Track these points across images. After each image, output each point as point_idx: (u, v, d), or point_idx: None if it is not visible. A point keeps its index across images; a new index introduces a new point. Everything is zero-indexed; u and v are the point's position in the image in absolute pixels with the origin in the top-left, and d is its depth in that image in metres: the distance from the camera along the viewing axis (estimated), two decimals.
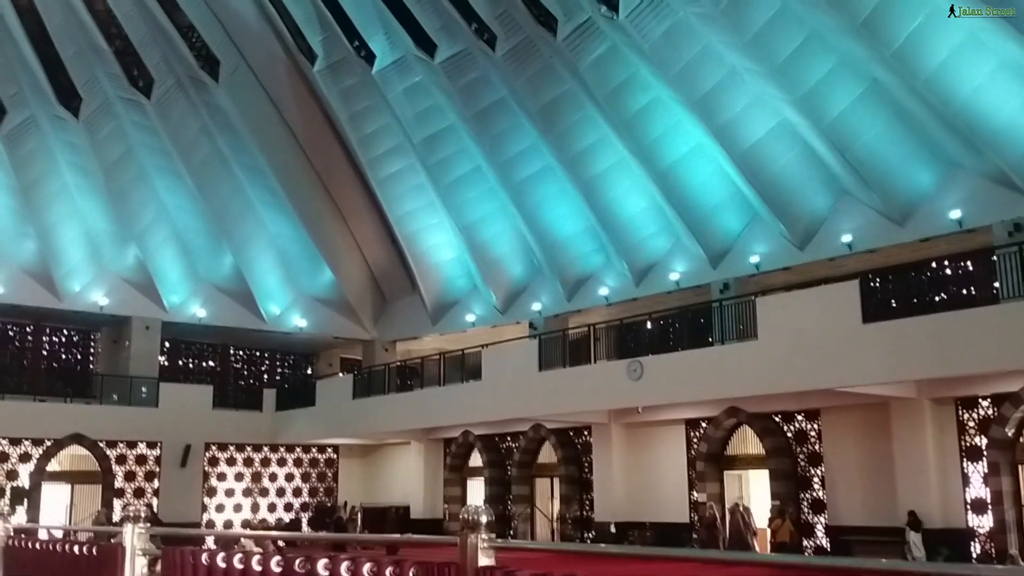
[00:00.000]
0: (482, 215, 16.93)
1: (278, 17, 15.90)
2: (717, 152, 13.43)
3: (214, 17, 15.74)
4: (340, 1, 15.21)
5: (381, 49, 15.69)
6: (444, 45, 15.25)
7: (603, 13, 13.47)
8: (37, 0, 14.92)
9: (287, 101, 17.01)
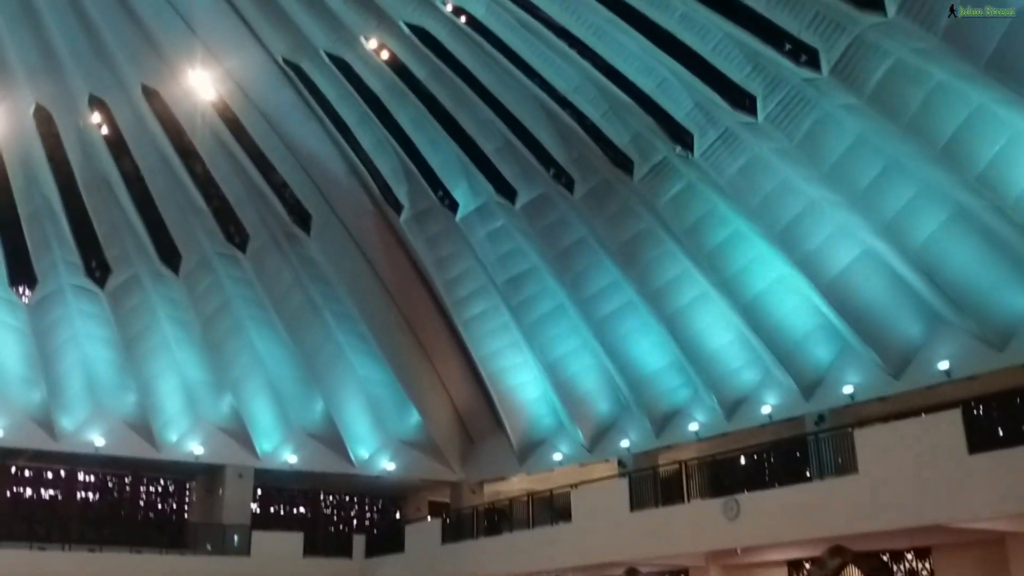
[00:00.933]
0: (566, 352, 16.98)
1: (366, 172, 16.68)
2: (802, 283, 13.34)
3: (306, 175, 16.60)
4: (424, 154, 15.90)
5: (464, 197, 16.25)
6: (524, 190, 15.72)
7: (678, 153, 13.78)
8: (142, 167, 15.97)
9: (375, 250, 17.62)
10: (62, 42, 14.39)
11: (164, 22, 14.50)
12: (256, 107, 15.79)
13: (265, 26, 14.46)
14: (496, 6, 13.52)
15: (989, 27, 10.01)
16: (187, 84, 15.11)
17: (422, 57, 14.53)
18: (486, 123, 15.01)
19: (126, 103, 15.28)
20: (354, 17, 14.13)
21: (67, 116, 15.18)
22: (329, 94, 15.51)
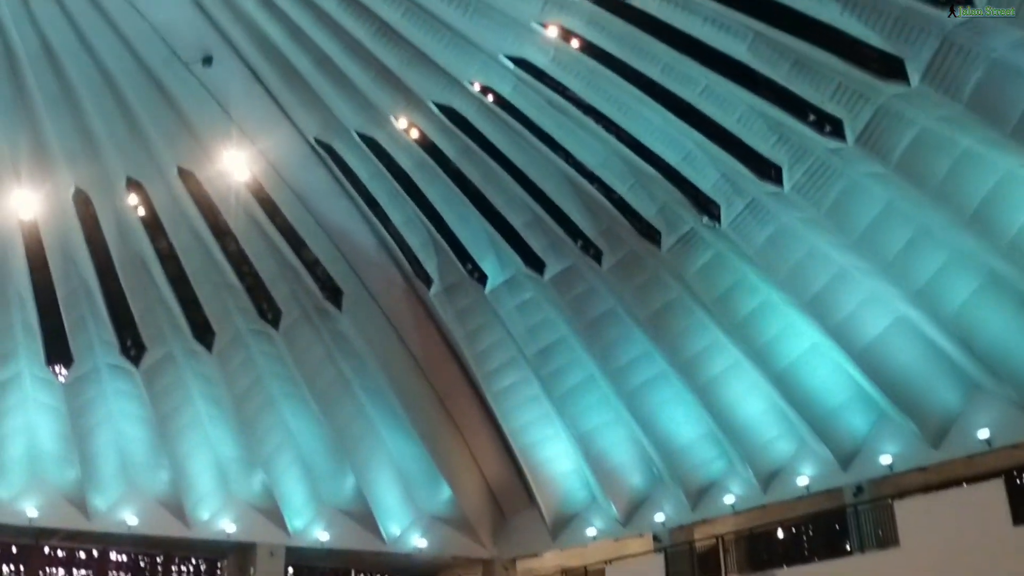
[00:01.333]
0: (598, 424, 16.87)
1: (396, 247, 16.88)
2: (835, 351, 13.24)
3: (337, 251, 16.84)
4: (453, 228, 16.09)
5: (493, 270, 16.38)
6: (552, 262, 15.84)
7: (705, 223, 13.87)
8: (177, 246, 16.27)
9: (406, 324, 17.74)
10: (101, 126, 14.82)
11: (200, 105, 14.90)
12: (289, 186, 16.11)
13: (297, 108, 14.83)
14: (522, 85, 13.81)
15: (1014, 94, 10.09)
16: (222, 165, 15.46)
17: (451, 135, 14.81)
18: (514, 198, 15.21)
19: (162, 184, 15.66)
20: (384, 98, 14.46)
21: (105, 198, 15.57)
22: (360, 172, 15.80)
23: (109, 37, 13.80)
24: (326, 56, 13.93)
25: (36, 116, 14.46)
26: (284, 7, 13.28)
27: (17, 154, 14.65)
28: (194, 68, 14.30)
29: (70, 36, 13.70)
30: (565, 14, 13.04)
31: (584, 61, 13.39)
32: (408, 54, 13.72)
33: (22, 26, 13.43)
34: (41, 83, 14.10)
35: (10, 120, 14.40)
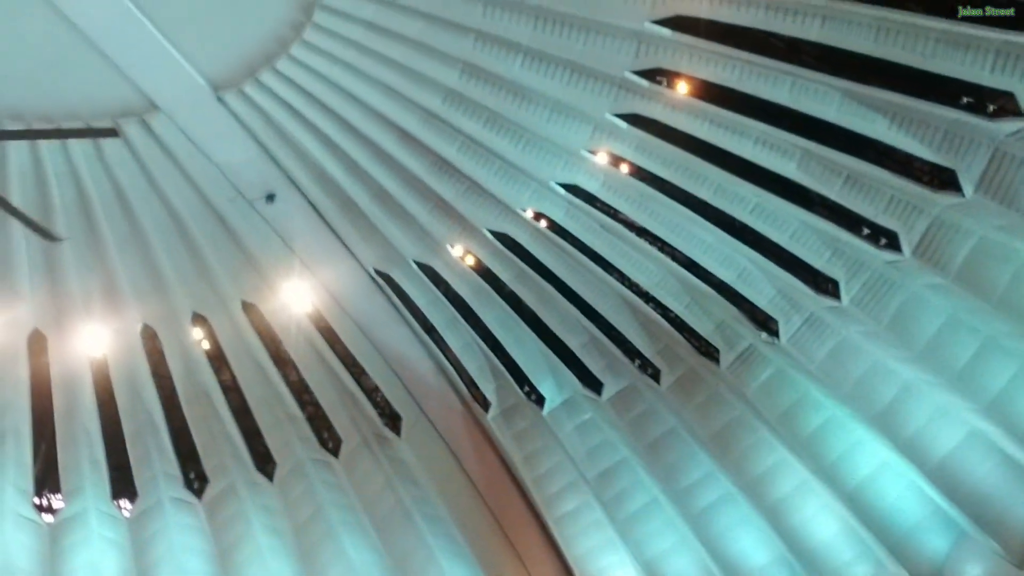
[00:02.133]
0: (663, 549, 16.35)
1: (453, 371, 16.96)
2: (907, 468, 12.84)
3: (396, 377, 16.96)
4: (510, 352, 16.18)
5: (550, 392, 16.35)
6: (610, 382, 15.78)
7: (764, 339, 13.80)
8: (240, 377, 16.56)
9: (464, 449, 17.62)
10: (169, 264, 15.35)
11: (263, 241, 15.39)
12: (349, 315, 16.41)
13: (357, 240, 15.25)
14: (575, 210, 14.12)
15: None
16: (284, 297, 15.84)
17: (506, 261, 15.08)
18: (570, 320, 15.31)
19: (226, 318, 16.07)
20: (440, 228, 14.85)
21: (171, 334, 15.99)
22: (418, 300, 16.06)
23: (177, 179, 14.44)
24: (384, 190, 14.43)
25: (107, 256, 15.06)
26: (343, 145, 13.86)
27: (89, 294, 15.21)
28: (258, 205, 14.84)
29: (141, 180, 14.38)
30: (613, 141, 13.44)
31: (634, 185, 13.71)
32: (463, 186, 14.17)
33: (95, 172, 14.15)
34: (113, 225, 14.74)
35: (83, 261, 15.02)
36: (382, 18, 12.17)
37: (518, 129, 13.47)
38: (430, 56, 12.69)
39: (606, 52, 12.43)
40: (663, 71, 12.73)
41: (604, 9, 11.89)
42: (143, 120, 13.41)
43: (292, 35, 12.46)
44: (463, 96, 13.12)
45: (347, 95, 13.23)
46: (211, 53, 12.61)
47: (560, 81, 12.79)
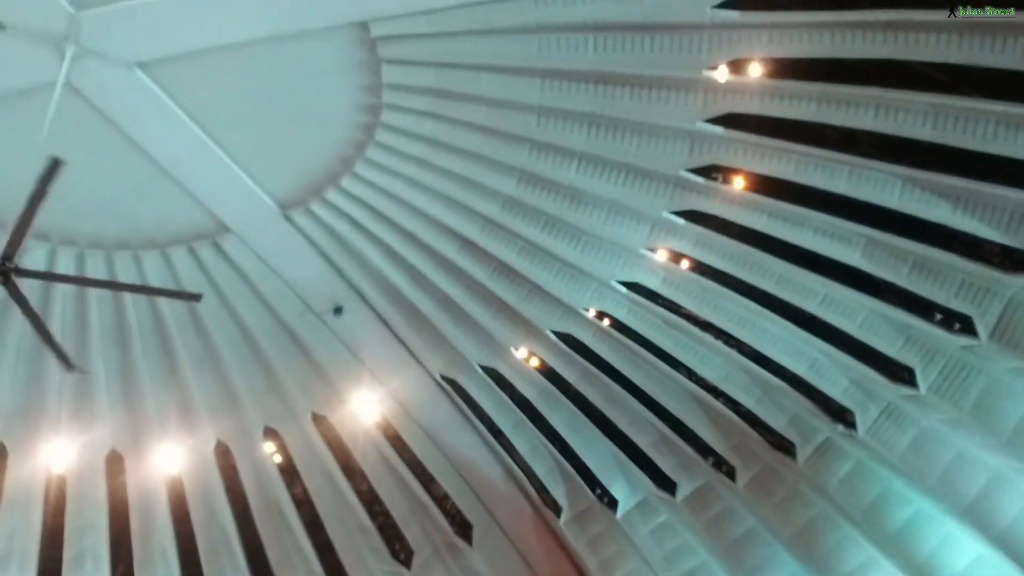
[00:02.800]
0: None
1: (523, 475, 16.77)
2: (1003, 562, 12.20)
3: (465, 484, 16.83)
4: (579, 453, 15.99)
5: (623, 494, 16.04)
6: (684, 482, 15.43)
7: (841, 432, 13.43)
8: (311, 490, 16.61)
9: (537, 556, 17.25)
10: (241, 380, 15.66)
11: (332, 353, 15.64)
12: (416, 422, 16.45)
13: (423, 348, 15.41)
14: (637, 307, 14.12)
15: None
16: (353, 407, 16.00)
17: (570, 361, 15.06)
18: (639, 418, 15.12)
19: (297, 431, 16.24)
20: (504, 331, 14.95)
21: (244, 448, 16.19)
22: (484, 404, 16.06)
23: (248, 297, 14.85)
24: (448, 297, 14.63)
25: (182, 374, 15.43)
26: (407, 256, 14.16)
27: (165, 412, 15.55)
28: (326, 318, 15.16)
29: (213, 299, 14.76)
30: (672, 238, 13.51)
31: (696, 280, 13.70)
32: (525, 289, 14.32)
33: None
34: (186, 343, 15.16)
35: (158, 380, 15.41)
36: (440, 133, 12.57)
37: (577, 231, 13.64)
38: (487, 166, 13.01)
39: (660, 153, 12.61)
40: (718, 167, 12.84)
41: (656, 112, 12.12)
42: (215, 242, 13.90)
43: (355, 154, 12.93)
44: (521, 202, 13.38)
45: (409, 207, 13.58)
46: (279, 175, 13.14)
47: (616, 183, 12.98)
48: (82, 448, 15.44)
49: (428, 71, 11.89)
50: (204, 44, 11.24)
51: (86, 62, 11.06)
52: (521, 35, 11.49)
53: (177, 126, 12.07)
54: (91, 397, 15.31)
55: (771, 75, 11.71)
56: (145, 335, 14.95)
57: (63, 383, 15.08)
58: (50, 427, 15.27)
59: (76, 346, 14.87)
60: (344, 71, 11.88)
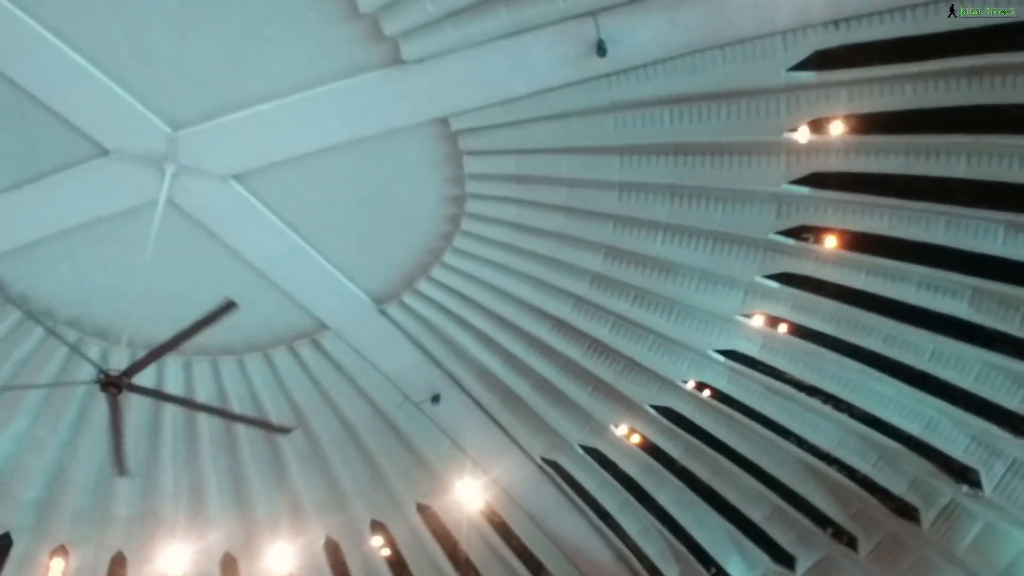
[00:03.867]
0: None
1: (633, 557, 16.36)
2: None
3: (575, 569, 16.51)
4: (690, 531, 15.51)
5: (739, 571, 15.43)
6: (803, 556, 14.77)
7: (966, 492, 12.71)
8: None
9: None
10: (346, 475, 15.84)
11: (432, 442, 15.73)
12: (521, 507, 16.28)
13: (522, 431, 15.35)
14: (737, 376, 13.80)
15: None
16: (456, 495, 15.98)
17: (673, 435, 14.75)
18: (750, 491, 14.62)
19: (403, 522, 16.25)
20: (602, 409, 14.79)
21: (353, 544, 16.26)
22: (588, 485, 15.81)
23: (348, 392, 15.12)
24: (543, 379, 14.60)
25: (288, 473, 15.71)
26: (500, 340, 14.23)
27: (275, 513, 15.80)
28: (424, 407, 15.28)
29: (314, 396, 15.13)
30: (768, 303, 13.24)
31: (796, 343, 13.34)
32: (620, 365, 14.18)
33: (273, 392, 15.01)
34: (291, 442, 15.42)
35: (267, 481, 15.72)
36: (524, 217, 12.73)
37: (668, 302, 13.50)
38: (573, 245, 13.08)
39: (747, 218, 12.47)
40: (808, 228, 12.62)
41: (738, 178, 12.04)
42: (314, 340, 14.26)
43: (443, 244, 13.19)
44: (610, 278, 13.36)
45: (499, 292, 13.71)
46: (371, 271, 13.51)
47: (704, 251, 12.86)
48: (198, 553, 15.77)
49: (508, 158, 12.11)
50: (292, 152, 11.75)
51: (184, 178, 11.67)
52: (596, 115, 11.63)
53: (272, 232, 12.57)
54: (204, 502, 15.68)
55: (854, 131, 11.52)
56: (252, 438, 15.33)
57: (177, 489, 15.52)
58: (167, 533, 15.67)
59: (187, 452, 15.40)
60: (427, 166, 12.21)
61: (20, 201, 11.89)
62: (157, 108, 11.16)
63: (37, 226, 12.21)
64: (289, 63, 10.89)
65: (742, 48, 10.80)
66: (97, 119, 11.15)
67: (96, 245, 12.59)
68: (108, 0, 10.09)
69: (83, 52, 10.56)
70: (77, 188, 11.80)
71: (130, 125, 11.16)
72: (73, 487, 15.27)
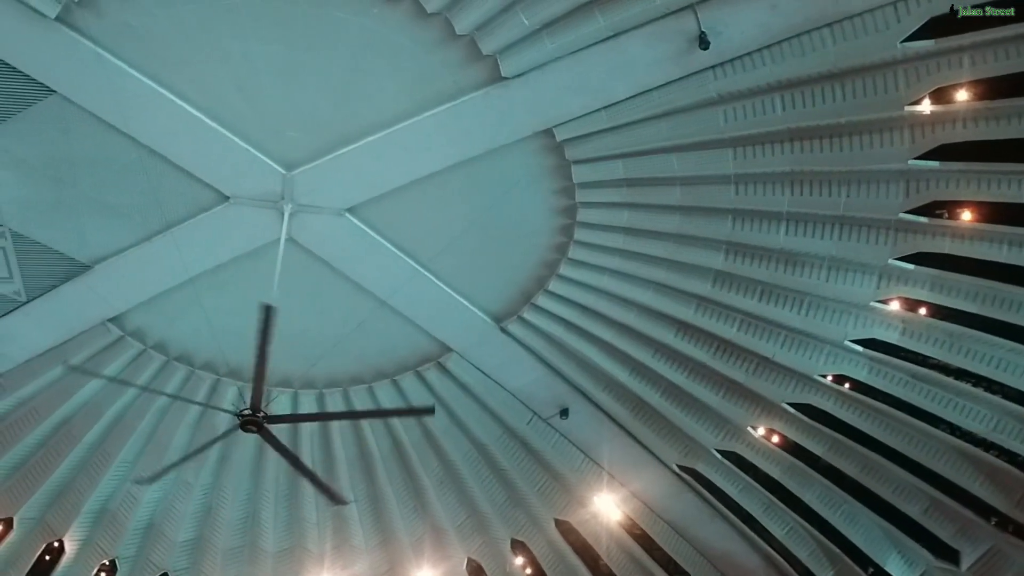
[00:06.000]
0: None
1: (783, 561, 15.78)
2: None
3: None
4: (842, 531, 14.84)
5: (899, 570, 14.68)
6: (967, 549, 13.92)
7: None
8: None
9: None
10: (482, 496, 15.85)
11: (564, 456, 15.59)
12: (661, 517, 15.95)
13: (656, 440, 15.03)
14: (878, 365, 13.16)
15: None
16: (593, 509, 15.79)
17: (815, 432, 14.16)
18: (903, 485, 13.88)
19: (543, 540, 16.12)
20: (737, 411, 14.34)
21: (495, 563, 16.22)
22: (728, 489, 15.35)
23: (476, 411, 15.14)
24: (673, 384, 14.26)
25: (427, 499, 15.83)
26: (624, 348, 13.98)
27: (416, 537, 15.94)
28: (554, 422, 15.16)
29: (444, 418, 15.20)
30: (904, 286, 12.58)
31: (939, 326, 12.63)
32: (752, 364, 13.71)
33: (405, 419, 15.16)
34: (426, 465, 15.59)
35: (406, 506, 15.88)
36: (638, 221, 12.50)
37: (797, 295, 13.01)
38: (692, 245, 12.76)
39: (874, 199, 11.90)
40: (941, 203, 11.95)
41: (861, 158, 11.50)
42: (439, 363, 14.36)
43: (557, 256, 13.07)
44: (733, 275, 12.96)
45: (618, 300, 13.49)
46: (489, 290, 13.53)
47: (831, 238, 12.33)
48: None
49: (617, 163, 11.92)
50: (402, 180, 11.89)
51: (302, 216, 11.95)
52: (704, 109, 11.32)
53: (389, 260, 12.73)
54: (347, 531, 15.96)
55: (980, 97, 10.86)
56: (387, 462, 15.55)
57: (321, 520, 15.85)
58: (315, 564, 16.00)
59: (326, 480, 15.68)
60: (535, 179, 12.14)
61: (151, 253, 12.41)
62: (270, 151, 11.48)
63: (168, 275, 12.72)
64: (391, 93, 11.03)
65: (852, 24, 10.34)
66: (215, 167, 11.54)
67: (223, 289, 13.02)
68: (218, 53, 10.46)
69: (197, 105, 10.97)
70: (202, 235, 12.23)
71: (246, 170, 11.51)
72: (222, 527, 15.78)
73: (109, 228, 12.20)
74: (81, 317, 13.13)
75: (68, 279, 12.64)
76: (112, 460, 14.70)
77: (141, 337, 13.67)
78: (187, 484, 15.37)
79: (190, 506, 15.53)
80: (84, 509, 14.92)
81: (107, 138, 11.13)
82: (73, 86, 10.62)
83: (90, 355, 13.60)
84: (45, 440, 14.32)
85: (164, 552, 15.54)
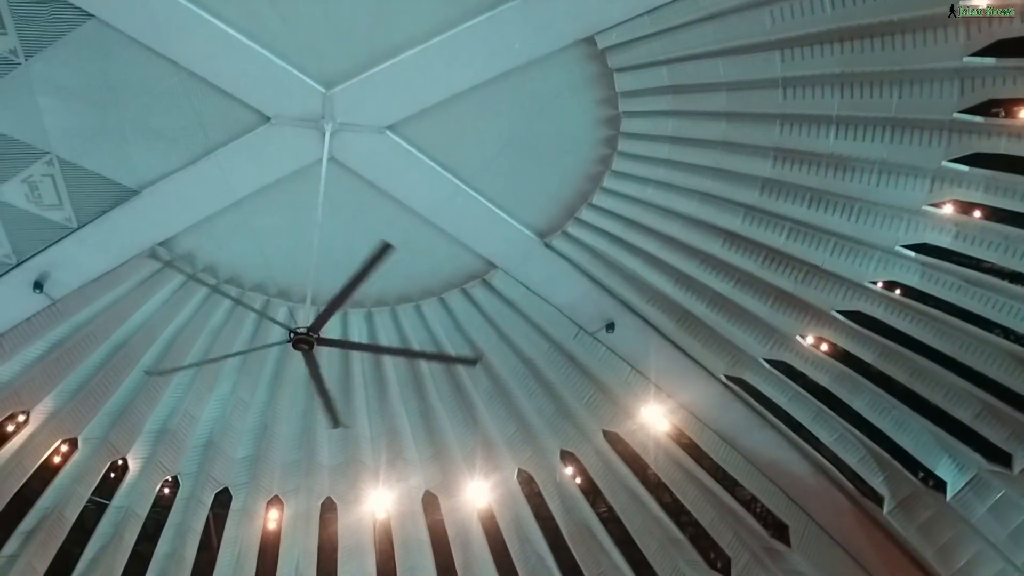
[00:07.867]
0: None
1: (834, 468, 15.80)
2: None
3: (773, 485, 16.12)
4: (893, 437, 14.83)
5: (950, 474, 14.67)
6: (1020, 452, 13.84)
7: None
8: (616, 508, 16.60)
9: (865, 551, 16.15)
10: (531, 409, 16.04)
11: (611, 369, 15.65)
12: (710, 428, 16.01)
13: (702, 351, 15.03)
14: (931, 270, 12.95)
15: None
16: (641, 420, 15.90)
17: (865, 340, 14.05)
18: (955, 391, 13.77)
19: (592, 451, 16.32)
20: (785, 320, 14.24)
21: (545, 474, 16.50)
22: (777, 398, 15.35)
23: (523, 327, 15.23)
24: (719, 295, 14.18)
25: (477, 413, 16.06)
26: (669, 260, 13.91)
27: (468, 451, 16.25)
28: (600, 336, 15.20)
29: (491, 335, 15.34)
30: (958, 188, 12.30)
31: (994, 228, 12.35)
32: (801, 272, 13.57)
33: (452, 334, 15.35)
34: (476, 382, 15.78)
35: (457, 421, 16.15)
36: (684, 129, 12.28)
37: (847, 200, 12.77)
38: (739, 152, 12.53)
39: (926, 99, 11.54)
40: (997, 101, 11.54)
41: (914, 57, 11.12)
42: (484, 280, 14.41)
43: (601, 169, 12.93)
44: (781, 182, 12.74)
45: (664, 211, 13.36)
46: (532, 205, 13.46)
47: (882, 141, 12.03)
48: (400, 494, 16.45)
49: (660, 70, 11.66)
50: (442, 95, 11.76)
51: (343, 135, 11.91)
52: (750, 11, 10.99)
53: (432, 177, 12.69)
54: (401, 445, 16.30)
55: None
56: (438, 381, 15.77)
57: (375, 435, 16.21)
58: (370, 477, 16.41)
59: (379, 399, 16.01)
60: (578, 89, 11.94)
61: (196, 176, 12.49)
62: (309, 70, 11.39)
63: (215, 198, 12.81)
64: (428, 6, 10.84)
65: None
66: (255, 88, 11.51)
67: (269, 211, 13.11)
68: None
69: (235, 25, 10.88)
70: (246, 157, 12.27)
71: (287, 90, 11.45)
72: (279, 442, 16.20)
73: (154, 152, 12.27)
74: (131, 242, 13.31)
75: (117, 204, 12.77)
76: (168, 380, 15.07)
77: (191, 260, 13.86)
78: (243, 402, 15.74)
79: (247, 423, 15.93)
80: (145, 428, 15.35)
81: (147, 62, 11.12)
82: (110, 9, 10.58)
83: (142, 279, 13.86)
84: (103, 363, 14.67)
85: (224, 468, 16.01)
